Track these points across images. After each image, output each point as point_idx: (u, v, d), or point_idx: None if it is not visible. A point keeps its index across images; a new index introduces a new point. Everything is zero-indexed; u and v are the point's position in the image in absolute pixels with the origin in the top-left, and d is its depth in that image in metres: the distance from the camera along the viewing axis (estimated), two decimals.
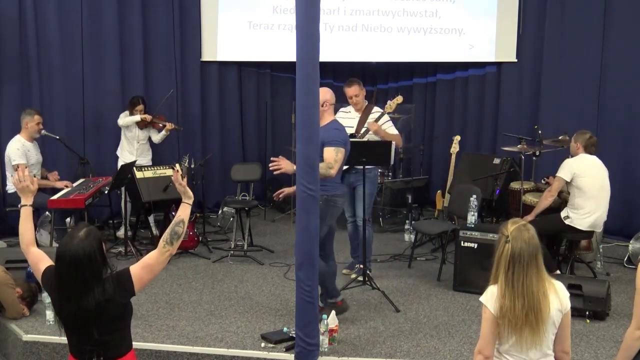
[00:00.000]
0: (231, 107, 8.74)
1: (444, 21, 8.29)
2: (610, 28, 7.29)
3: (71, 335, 2.96)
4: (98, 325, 2.85)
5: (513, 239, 2.74)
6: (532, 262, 2.74)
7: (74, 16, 7.31)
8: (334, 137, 4.69)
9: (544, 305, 2.73)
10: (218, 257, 6.54)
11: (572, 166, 5.64)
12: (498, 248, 2.80)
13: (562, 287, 2.85)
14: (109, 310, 2.87)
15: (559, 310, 2.78)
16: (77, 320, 2.85)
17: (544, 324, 2.74)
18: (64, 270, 2.84)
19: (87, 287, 2.82)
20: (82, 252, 2.81)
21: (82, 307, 2.81)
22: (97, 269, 2.85)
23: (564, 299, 2.80)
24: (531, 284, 2.73)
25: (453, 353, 4.40)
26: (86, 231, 2.89)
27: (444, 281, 5.84)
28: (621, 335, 4.50)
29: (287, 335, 4.48)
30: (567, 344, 2.83)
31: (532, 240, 2.76)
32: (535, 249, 2.76)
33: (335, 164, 4.64)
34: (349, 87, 5.73)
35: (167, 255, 3.00)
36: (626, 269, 6.31)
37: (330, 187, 4.69)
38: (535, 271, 2.75)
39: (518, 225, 2.79)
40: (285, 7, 8.32)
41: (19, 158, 6.20)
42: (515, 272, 2.73)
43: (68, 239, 2.89)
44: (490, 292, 2.82)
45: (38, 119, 6.38)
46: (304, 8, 3.87)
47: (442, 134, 8.55)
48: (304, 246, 4.03)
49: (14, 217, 6.84)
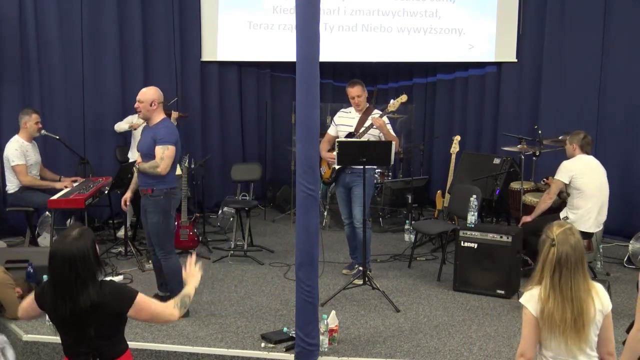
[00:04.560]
0: (231, 107, 8.75)
1: (443, 21, 8.29)
2: (610, 28, 7.29)
3: (67, 336, 2.93)
4: (94, 325, 2.84)
5: (559, 242, 2.71)
6: (578, 266, 2.71)
7: (74, 16, 7.31)
8: (164, 135, 4.80)
9: (589, 309, 2.71)
10: (218, 257, 6.54)
11: (569, 168, 5.64)
12: (543, 251, 2.76)
13: (601, 288, 2.82)
14: (104, 313, 2.85)
15: (601, 312, 2.75)
16: (73, 319, 2.82)
17: (589, 327, 2.72)
18: (57, 270, 2.81)
19: (83, 285, 2.79)
20: (76, 250, 2.79)
21: (78, 306, 2.79)
22: (91, 268, 2.83)
23: (604, 300, 2.78)
24: (578, 289, 2.70)
25: (453, 353, 4.40)
26: (79, 231, 2.87)
27: (444, 281, 5.84)
28: (621, 335, 4.50)
29: (287, 335, 4.48)
30: (611, 346, 2.81)
31: (578, 244, 2.73)
32: (581, 254, 2.73)
33: (163, 162, 4.76)
34: (352, 87, 5.73)
35: (170, 318, 3.03)
36: (626, 269, 6.32)
37: (169, 181, 4.88)
38: (581, 275, 2.72)
39: (564, 229, 2.75)
40: (285, 7, 8.32)
41: (17, 159, 6.19)
42: (562, 277, 2.70)
43: (61, 238, 2.87)
44: (530, 294, 2.78)
45: (36, 118, 6.36)
46: (304, 8, 3.88)
47: (442, 134, 8.55)
48: (304, 246, 4.03)
49: (14, 217, 6.86)
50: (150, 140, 4.83)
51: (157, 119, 4.88)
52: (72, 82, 7.37)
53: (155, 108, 4.83)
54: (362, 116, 5.76)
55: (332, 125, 5.95)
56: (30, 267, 5.20)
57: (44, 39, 7.15)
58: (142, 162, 4.89)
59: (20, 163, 6.18)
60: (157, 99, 4.85)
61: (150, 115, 4.86)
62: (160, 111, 4.89)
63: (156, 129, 4.84)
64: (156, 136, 4.80)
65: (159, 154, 4.76)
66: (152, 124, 4.89)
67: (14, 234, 6.94)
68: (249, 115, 8.95)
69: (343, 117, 5.87)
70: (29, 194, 6.23)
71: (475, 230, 5.53)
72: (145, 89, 4.91)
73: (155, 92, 4.86)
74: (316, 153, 4.10)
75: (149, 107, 4.81)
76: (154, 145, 4.80)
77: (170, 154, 4.78)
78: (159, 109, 4.87)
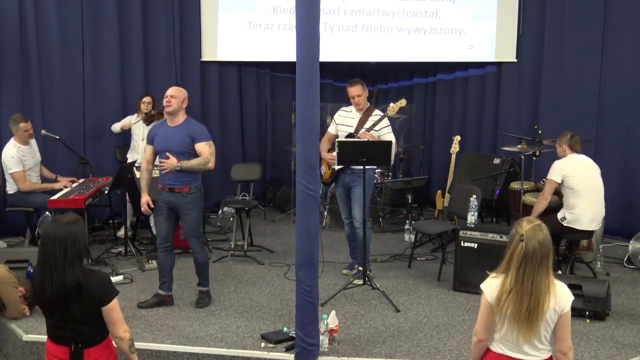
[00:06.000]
0: (231, 107, 8.75)
1: (443, 21, 8.29)
2: (610, 28, 7.29)
3: (51, 317, 3.09)
4: (78, 305, 3.01)
5: (527, 238, 2.79)
6: (543, 262, 2.80)
7: (74, 16, 7.31)
8: (203, 131, 5.05)
9: (544, 304, 2.79)
10: (218, 257, 6.54)
11: (561, 168, 5.65)
12: (511, 245, 2.85)
13: (563, 288, 2.88)
14: (88, 296, 3.02)
15: (555, 310, 2.82)
16: (59, 297, 2.99)
17: (540, 321, 2.81)
18: (48, 249, 3.00)
19: (71, 265, 2.99)
20: (67, 233, 3.00)
21: (65, 282, 2.97)
22: (79, 251, 3.02)
23: (561, 300, 2.83)
24: (539, 284, 2.79)
25: (453, 353, 4.40)
26: (73, 218, 3.09)
27: (444, 281, 5.84)
28: (621, 335, 4.52)
29: (287, 335, 4.48)
30: (565, 345, 2.86)
31: (545, 240, 2.81)
32: (547, 250, 2.81)
33: (212, 158, 5.01)
34: (352, 87, 5.72)
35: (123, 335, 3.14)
36: (626, 269, 6.31)
37: (200, 178, 5.12)
38: (544, 271, 2.81)
39: (533, 225, 2.83)
40: (285, 7, 8.32)
41: (14, 166, 6.15)
42: (526, 271, 2.78)
43: (54, 223, 3.09)
44: (490, 281, 2.90)
45: (24, 127, 6.23)
46: (304, 8, 3.88)
47: (442, 134, 8.55)
48: (304, 246, 4.03)
49: (14, 217, 6.86)
50: (187, 138, 4.95)
51: (182, 118, 5.04)
52: (72, 82, 7.37)
53: (184, 106, 5.04)
54: (362, 116, 5.75)
55: (332, 123, 5.94)
56: (30, 267, 5.20)
57: (44, 39, 7.15)
58: (184, 161, 4.93)
59: (17, 170, 6.15)
60: (187, 98, 5.08)
61: (179, 112, 5.02)
62: (184, 111, 5.08)
63: (189, 128, 4.99)
64: (193, 134, 4.96)
65: (206, 150, 4.96)
66: (176, 122, 5.02)
67: (14, 234, 6.94)
68: (249, 115, 8.95)
69: (343, 116, 5.86)
70: (29, 194, 6.22)
71: (475, 230, 5.54)
72: (175, 88, 5.13)
73: (185, 92, 5.10)
74: (316, 153, 4.10)
75: (181, 103, 5.01)
76: (191, 143, 4.95)
77: (214, 150, 5.05)
78: (184, 108, 5.07)
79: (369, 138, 5.51)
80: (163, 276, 5.22)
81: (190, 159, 4.94)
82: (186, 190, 4.99)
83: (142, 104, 7.11)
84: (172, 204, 5.04)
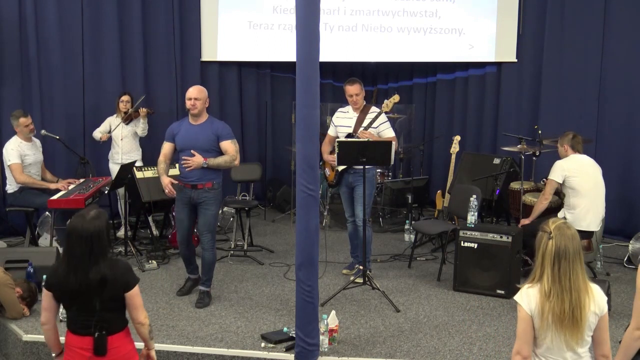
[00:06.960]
0: (231, 107, 8.75)
1: (444, 21, 8.29)
2: (610, 28, 7.29)
3: (73, 309, 3.16)
4: (100, 298, 3.08)
5: (556, 235, 2.72)
6: (577, 257, 2.72)
7: (74, 16, 7.31)
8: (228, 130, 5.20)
9: (586, 303, 2.71)
10: (218, 257, 6.49)
11: (562, 168, 5.65)
12: (540, 246, 2.76)
13: (598, 289, 2.81)
14: (112, 287, 3.09)
15: (595, 313, 2.75)
16: (82, 291, 3.06)
17: (584, 321, 2.71)
18: (75, 244, 3.08)
19: (96, 260, 3.07)
20: (93, 228, 3.07)
21: (88, 278, 3.04)
22: (104, 246, 3.12)
23: (599, 302, 2.77)
24: (577, 280, 2.71)
25: (453, 353, 4.40)
26: (97, 212, 3.16)
27: (444, 281, 5.84)
28: (621, 335, 4.50)
29: (287, 335, 4.48)
30: (606, 348, 2.80)
31: (575, 236, 2.74)
32: (578, 246, 2.74)
33: (238, 155, 5.20)
34: (351, 85, 5.72)
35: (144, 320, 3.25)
36: (626, 269, 6.32)
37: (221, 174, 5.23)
38: (580, 267, 2.73)
39: (559, 223, 2.76)
40: (285, 7, 8.32)
41: (12, 157, 6.17)
42: (561, 268, 2.70)
43: (80, 217, 3.12)
44: (525, 291, 2.77)
45: (25, 122, 6.26)
46: (304, 8, 3.88)
47: (442, 134, 8.55)
48: (304, 246, 4.03)
49: (14, 217, 6.85)
50: (212, 136, 5.10)
51: (205, 116, 5.21)
52: (72, 82, 7.37)
53: (207, 105, 5.21)
54: (360, 115, 5.75)
55: (331, 126, 5.95)
56: (30, 267, 5.20)
57: (44, 39, 7.15)
58: (210, 158, 5.05)
59: (16, 162, 6.16)
60: (208, 97, 5.24)
61: (204, 112, 5.15)
62: (206, 109, 5.23)
63: (214, 126, 5.15)
64: (219, 132, 5.13)
65: (232, 148, 5.14)
66: (200, 120, 5.16)
67: (14, 234, 6.94)
68: (249, 115, 8.94)
69: (341, 117, 5.86)
70: (29, 194, 6.22)
71: (475, 230, 5.53)
72: (197, 88, 5.20)
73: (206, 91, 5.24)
74: (316, 153, 4.10)
75: (204, 104, 5.14)
76: (216, 141, 5.10)
77: (238, 147, 5.24)
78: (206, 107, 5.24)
79: (368, 137, 5.52)
80: (190, 264, 5.43)
81: (216, 156, 5.08)
82: (209, 186, 5.10)
83: (121, 103, 7.11)
84: (194, 200, 5.14)
